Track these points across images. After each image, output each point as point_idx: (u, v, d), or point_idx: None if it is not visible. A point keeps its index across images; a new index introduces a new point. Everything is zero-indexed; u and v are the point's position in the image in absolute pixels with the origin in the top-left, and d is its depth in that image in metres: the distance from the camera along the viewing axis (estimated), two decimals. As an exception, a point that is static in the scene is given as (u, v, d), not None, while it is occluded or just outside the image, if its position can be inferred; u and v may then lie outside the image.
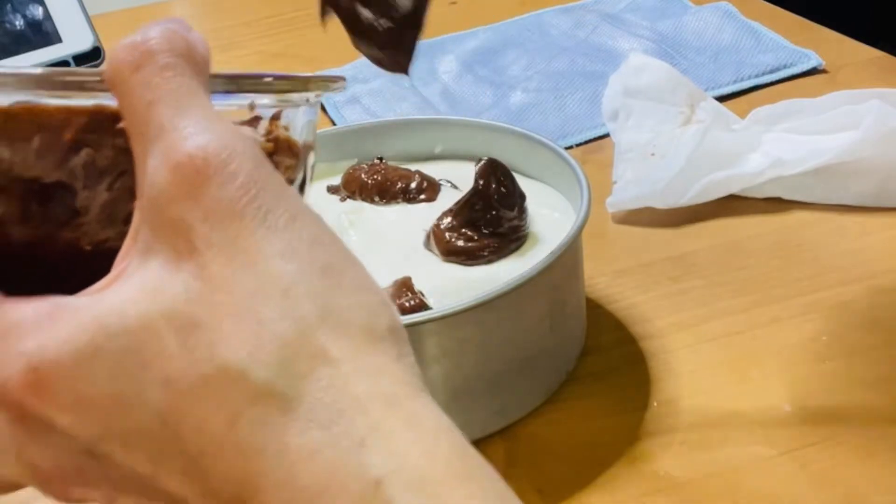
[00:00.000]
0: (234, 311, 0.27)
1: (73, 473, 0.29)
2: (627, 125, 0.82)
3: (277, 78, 0.33)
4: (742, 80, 0.91)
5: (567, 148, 0.77)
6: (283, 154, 0.34)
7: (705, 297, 0.67)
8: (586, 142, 0.86)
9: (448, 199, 0.65)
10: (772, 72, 0.92)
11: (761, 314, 0.64)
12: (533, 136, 0.67)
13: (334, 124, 0.92)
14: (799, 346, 0.62)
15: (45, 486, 0.30)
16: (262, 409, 0.27)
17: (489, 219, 0.62)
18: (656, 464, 0.55)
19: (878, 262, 0.68)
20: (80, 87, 0.30)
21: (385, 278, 0.59)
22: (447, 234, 0.62)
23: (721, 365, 0.61)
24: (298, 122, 0.35)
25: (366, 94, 0.96)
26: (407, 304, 0.56)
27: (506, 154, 0.69)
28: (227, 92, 0.32)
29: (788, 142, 0.76)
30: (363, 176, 0.67)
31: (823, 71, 0.92)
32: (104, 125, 0.30)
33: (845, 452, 0.54)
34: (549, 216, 0.64)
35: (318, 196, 0.68)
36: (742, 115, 0.81)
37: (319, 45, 1.09)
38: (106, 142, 0.31)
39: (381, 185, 0.67)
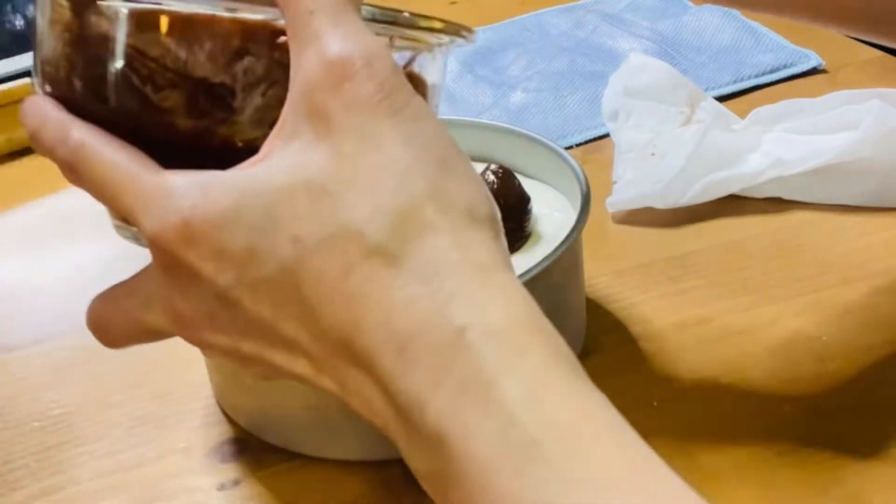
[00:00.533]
0: (359, 183, 0.33)
1: (207, 319, 0.35)
2: (627, 125, 0.82)
3: (419, 16, 0.38)
4: (742, 80, 0.91)
5: (567, 148, 0.77)
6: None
7: (705, 297, 0.67)
8: (586, 142, 0.86)
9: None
10: (772, 72, 0.92)
11: (761, 314, 0.64)
12: (533, 136, 0.67)
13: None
14: (799, 346, 0.62)
15: (182, 330, 0.36)
16: (372, 264, 0.32)
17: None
18: (656, 464, 0.55)
19: (878, 262, 0.68)
20: (252, 1, 0.36)
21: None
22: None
23: (721, 365, 0.61)
24: (429, 65, 0.41)
25: (366, 94, 0.96)
26: (407, 304, 0.56)
27: (506, 154, 0.69)
28: (372, 20, 0.37)
29: (788, 142, 0.76)
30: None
31: (823, 71, 0.92)
32: (266, 39, 0.36)
33: (845, 452, 0.54)
34: (549, 216, 0.64)
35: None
36: (742, 115, 0.81)
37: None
38: (265, 53, 0.36)
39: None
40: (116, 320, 0.38)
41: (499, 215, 0.35)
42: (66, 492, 0.58)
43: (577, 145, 0.86)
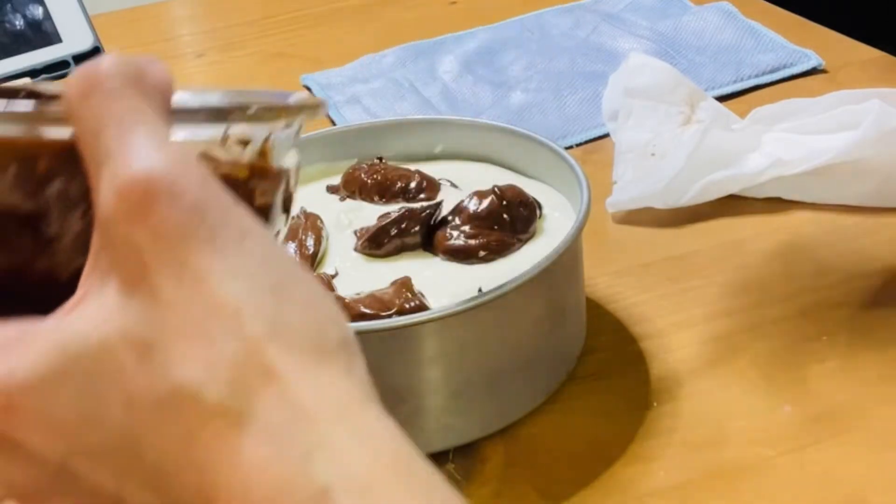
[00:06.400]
0: (187, 331, 0.28)
1: (46, 489, 0.30)
2: (627, 125, 0.82)
3: (257, 109, 0.33)
4: (742, 80, 0.91)
5: (567, 148, 0.77)
6: (259, 179, 0.35)
7: (705, 297, 0.67)
8: (586, 142, 0.86)
9: (448, 198, 0.65)
10: (772, 72, 0.92)
11: (761, 314, 0.64)
12: (533, 136, 0.67)
13: (334, 124, 0.92)
14: (799, 346, 0.62)
15: (23, 501, 0.31)
16: (215, 427, 0.28)
17: (492, 219, 0.62)
18: (656, 464, 0.55)
19: (878, 261, 0.68)
20: (50, 121, 0.31)
21: (385, 278, 0.59)
22: (448, 233, 0.62)
23: (721, 365, 0.61)
24: (279, 146, 0.36)
25: (366, 94, 0.96)
26: (407, 305, 0.56)
27: (506, 154, 0.69)
28: (201, 122, 0.32)
29: (788, 142, 0.76)
30: (363, 176, 0.67)
31: (823, 71, 0.92)
32: (76, 156, 0.31)
33: (845, 452, 0.54)
34: (550, 216, 0.64)
35: (317, 196, 0.68)
36: (742, 115, 0.81)
37: (319, 45, 1.10)
38: (78, 172, 0.31)
39: (380, 184, 0.67)
40: None
41: (351, 336, 0.31)
42: (66, 492, 0.58)
43: (577, 145, 0.86)
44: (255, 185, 0.34)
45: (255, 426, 0.28)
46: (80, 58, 0.98)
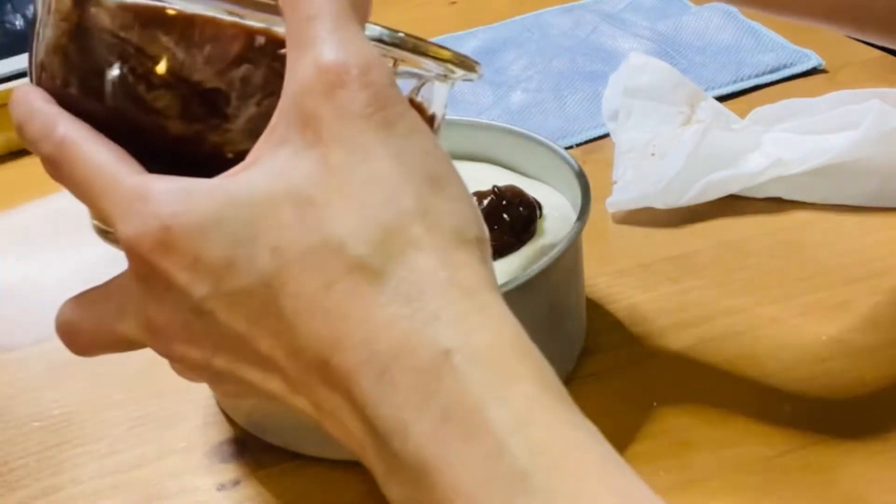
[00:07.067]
0: (346, 194, 0.32)
1: (180, 329, 0.33)
2: (627, 125, 0.82)
3: (426, 44, 0.37)
4: (742, 80, 0.91)
5: (567, 148, 0.77)
6: None
7: (705, 297, 0.67)
8: (586, 142, 0.86)
9: (448, 199, 0.65)
10: (772, 72, 0.92)
11: (761, 314, 0.64)
12: (533, 136, 0.67)
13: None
14: (799, 346, 0.62)
15: (154, 340, 0.35)
16: (354, 280, 0.31)
17: (492, 220, 0.62)
18: (656, 464, 0.55)
19: (878, 262, 0.68)
20: (256, 6, 0.35)
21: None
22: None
23: (721, 365, 0.61)
24: (432, 95, 0.40)
25: (366, 94, 0.96)
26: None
27: (506, 154, 0.69)
28: (379, 41, 0.36)
29: (788, 142, 0.76)
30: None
31: (823, 71, 0.92)
32: (267, 48, 0.35)
33: (845, 452, 0.54)
34: (549, 216, 0.64)
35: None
36: (742, 115, 0.81)
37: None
38: (265, 62, 0.35)
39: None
40: (87, 327, 0.37)
41: (488, 238, 0.34)
42: (66, 492, 0.58)
43: (577, 145, 0.86)
44: None
45: (390, 285, 0.31)
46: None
